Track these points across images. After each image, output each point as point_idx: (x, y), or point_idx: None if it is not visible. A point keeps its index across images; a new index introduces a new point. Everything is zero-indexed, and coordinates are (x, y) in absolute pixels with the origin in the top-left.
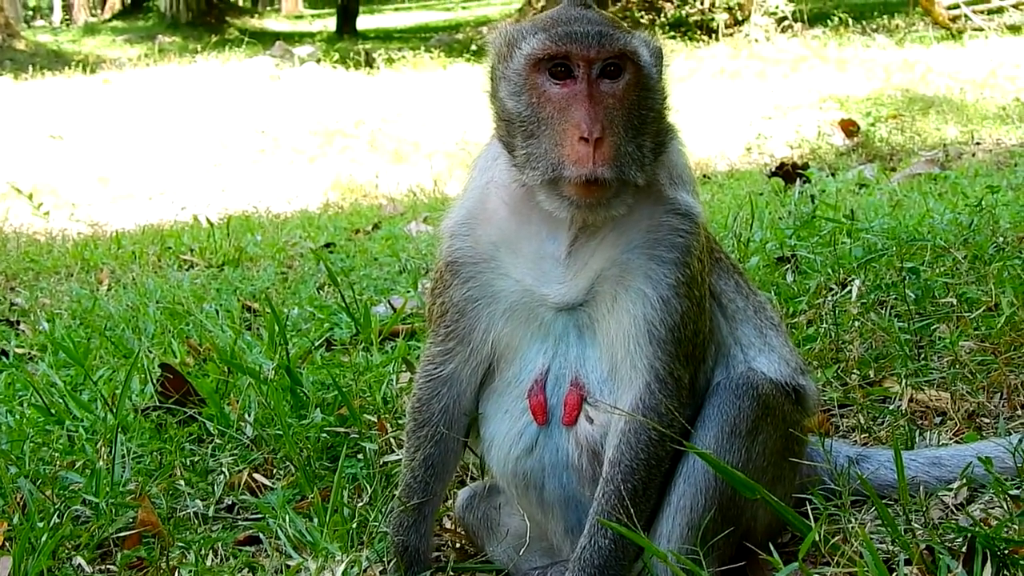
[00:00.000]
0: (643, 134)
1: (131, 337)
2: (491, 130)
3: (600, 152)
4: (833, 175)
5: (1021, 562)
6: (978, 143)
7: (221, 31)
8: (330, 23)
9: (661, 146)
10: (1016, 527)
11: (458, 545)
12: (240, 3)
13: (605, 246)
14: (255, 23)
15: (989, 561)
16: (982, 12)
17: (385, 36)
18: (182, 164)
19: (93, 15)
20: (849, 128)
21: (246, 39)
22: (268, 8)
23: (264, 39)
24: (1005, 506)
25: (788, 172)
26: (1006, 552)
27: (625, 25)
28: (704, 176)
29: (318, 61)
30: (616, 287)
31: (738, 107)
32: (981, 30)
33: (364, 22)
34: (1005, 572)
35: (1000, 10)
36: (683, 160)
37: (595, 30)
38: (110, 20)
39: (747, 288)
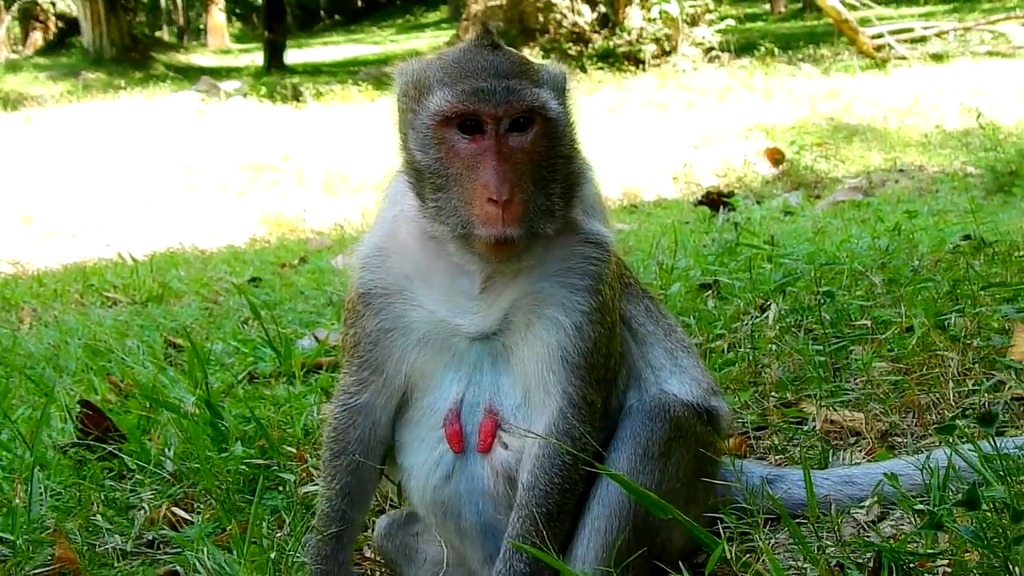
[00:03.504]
0: (553, 182)
1: (52, 375)
2: (399, 163)
3: (509, 212)
4: (759, 203)
5: (926, 575)
6: (901, 170)
7: (146, 67)
8: (257, 58)
9: (572, 189)
10: (922, 541)
11: (377, 574)
12: (166, 38)
13: (519, 277)
14: (181, 58)
15: (895, 574)
16: (906, 41)
17: (313, 70)
18: (107, 201)
19: (15, 52)
20: (775, 156)
21: (171, 74)
22: (194, 43)
23: (190, 74)
24: (914, 522)
25: (714, 200)
26: (912, 565)
27: (533, 65)
28: (632, 206)
29: (245, 95)
30: (530, 315)
31: (666, 137)
32: (905, 59)
33: (292, 56)
34: None
35: (923, 39)
36: (594, 190)
37: (503, 85)
38: (32, 57)
39: (657, 311)
